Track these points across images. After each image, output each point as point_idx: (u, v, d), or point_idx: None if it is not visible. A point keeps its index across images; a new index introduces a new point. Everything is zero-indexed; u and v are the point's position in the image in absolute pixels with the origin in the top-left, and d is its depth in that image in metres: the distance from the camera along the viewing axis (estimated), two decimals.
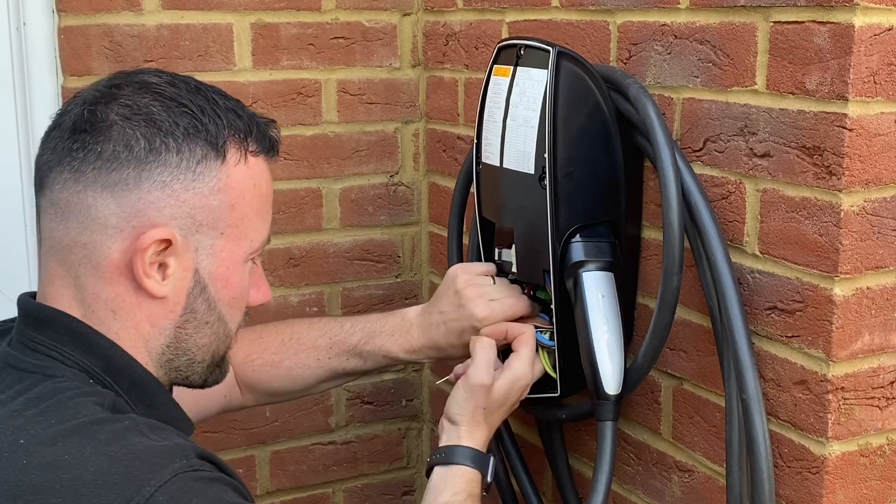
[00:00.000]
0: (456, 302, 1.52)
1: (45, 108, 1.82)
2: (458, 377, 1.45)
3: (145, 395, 1.17)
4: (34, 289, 1.88)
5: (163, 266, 1.15)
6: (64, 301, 1.17)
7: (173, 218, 1.14)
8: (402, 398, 2.13)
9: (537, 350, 1.50)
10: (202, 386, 1.27)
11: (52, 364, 1.13)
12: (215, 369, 1.26)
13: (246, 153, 1.19)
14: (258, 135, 1.22)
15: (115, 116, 1.13)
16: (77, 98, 1.18)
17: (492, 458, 1.40)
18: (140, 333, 1.17)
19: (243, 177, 1.19)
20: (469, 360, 1.45)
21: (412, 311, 1.59)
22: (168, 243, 1.14)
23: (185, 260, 1.16)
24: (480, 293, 1.51)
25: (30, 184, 1.83)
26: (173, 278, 1.16)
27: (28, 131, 1.82)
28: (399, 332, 1.57)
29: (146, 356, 1.19)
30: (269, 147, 1.23)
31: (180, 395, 1.28)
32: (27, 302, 1.20)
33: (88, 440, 1.03)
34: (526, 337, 1.46)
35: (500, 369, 1.44)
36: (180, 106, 1.15)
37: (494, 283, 1.54)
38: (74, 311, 1.16)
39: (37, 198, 1.18)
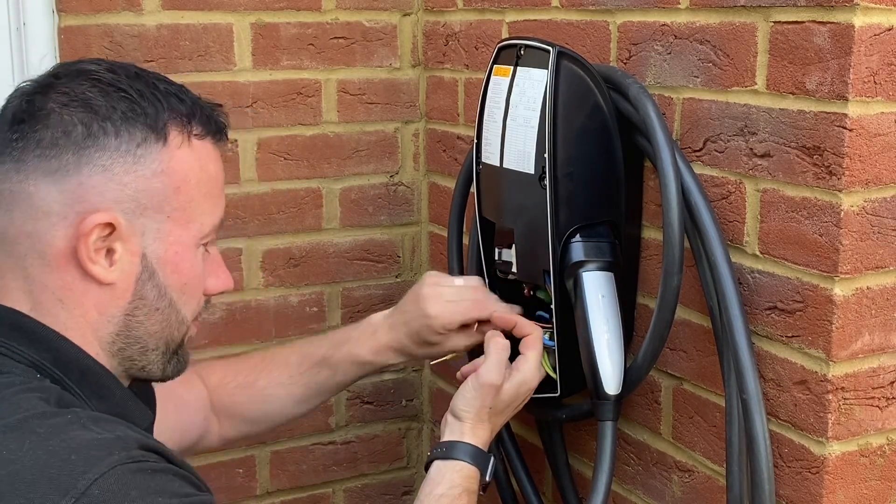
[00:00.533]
0: (414, 300, 1.54)
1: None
2: (464, 375, 1.45)
3: (97, 387, 1.15)
4: None
5: (110, 252, 1.14)
6: (13, 294, 1.15)
7: (116, 202, 1.12)
8: (402, 398, 2.13)
9: None
10: (163, 377, 1.24)
11: (1, 361, 1.12)
12: (172, 357, 1.23)
13: (189, 136, 1.17)
14: (202, 118, 1.19)
15: (52, 104, 1.12)
16: (17, 90, 1.17)
17: (492, 458, 1.40)
18: (88, 322, 1.15)
19: (187, 159, 1.17)
20: (476, 360, 1.45)
21: (380, 315, 1.61)
22: (111, 227, 1.12)
23: (132, 245, 1.15)
24: (438, 293, 1.53)
25: None
26: (120, 263, 1.14)
27: None
28: (366, 335, 1.59)
29: (97, 346, 1.17)
30: (215, 130, 1.21)
31: (159, 419, 1.27)
32: None
33: (28, 435, 1.02)
34: (534, 338, 1.46)
35: (507, 370, 1.44)
36: (118, 91, 1.14)
37: (462, 285, 1.56)
38: (23, 304, 1.14)
39: None
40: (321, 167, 1.98)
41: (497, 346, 1.41)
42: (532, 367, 1.43)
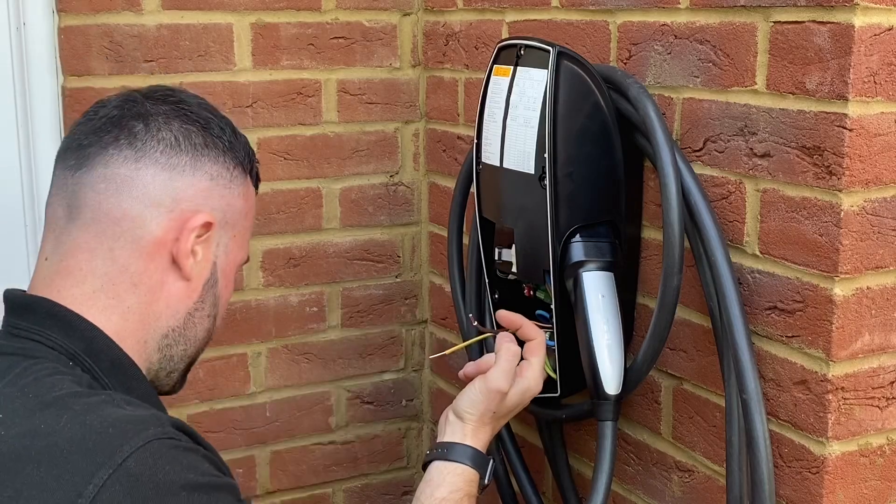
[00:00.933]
0: None
1: (45, 108, 1.82)
2: (466, 376, 1.45)
3: (124, 378, 1.19)
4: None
5: (193, 252, 1.24)
6: (80, 274, 1.19)
7: (213, 210, 1.24)
8: (402, 398, 2.13)
9: None
10: (171, 391, 1.30)
11: (33, 346, 1.16)
12: (183, 375, 1.31)
13: (251, 179, 1.33)
14: (257, 172, 1.35)
15: (172, 110, 1.24)
16: (117, 97, 1.26)
17: (491, 461, 1.39)
18: (153, 310, 1.23)
19: (251, 195, 1.32)
20: (481, 361, 1.44)
21: None
22: (208, 229, 1.24)
23: (209, 252, 1.26)
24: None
25: (30, 183, 1.83)
26: (199, 265, 1.25)
27: (28, 131, 1.82)
28: None
29: (149, 335, 1.23)
30: (258, 180, 1.36)
31: None
32: (11, 293, 1.23)
33: (65, 411, 1.06)
34: (538, 343, 1.45)
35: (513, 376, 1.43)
36: (222, 119, 1.29)
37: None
38: (89, 283, 1.19)
39: (70, 176, 1.22)
40: (321, 167, 1.98)
41: (508, 352, 1.41)
42: (537, 373, 1.43)
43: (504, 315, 1.48)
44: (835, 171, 1.23)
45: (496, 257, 1.57)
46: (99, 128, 1.23)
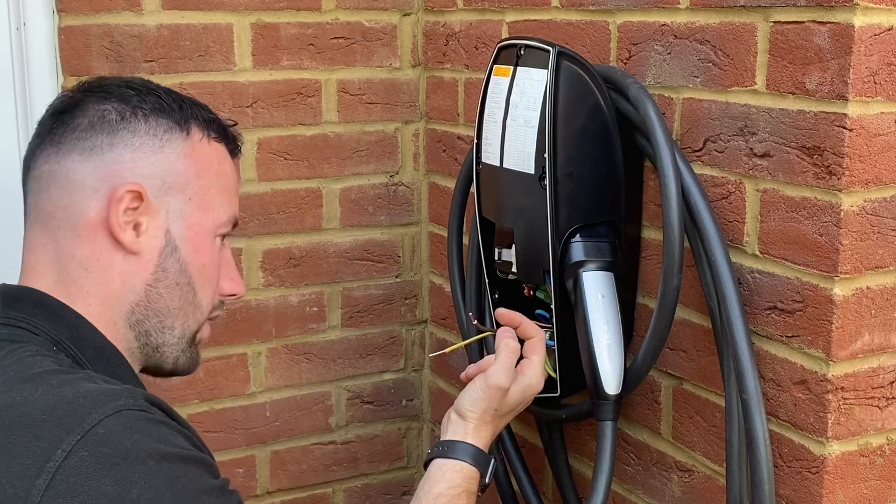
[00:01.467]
0: None
1: (46, 108, 1.82)
2: (468, 377, 1.45)
3: (108, 365, 1.21)
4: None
5: (137, 226, 1.23)
6: (40, 270, 1.25)
7: (144, 177, 1.23)
8: (402, 398, 2.13)
9: None
10: (174, 367, 1.30)
11: (20, 333, 1.20)
12: (187, 347, 1.30)
13: (209, 137, 1.30)
14: (219, 128, 1.32)
15: (90, 98, 1.26)
16: (61, 93, 1.31)
17: (492, 460, 1.39)
18: (111, 291, 1.24)
19: (208, 153, 1.29)
20: (483, 361, 1.44)
21: None
22: (140, 200, 1.22)
23: (157, 220, 1.24)
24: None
25: None
26: (146, 236, 1.24)
27: (28, 131, 1.82)
28: None
29: (116, 316, 1.24)
30: (230, 140, 1.34)
31: None
32: (3, 286, 1.27)
33: (41, 385, 1.09)
34: (538, 341, 1.45)
35: (514, 373, 1.43)
36: (149, 90, 1.27)
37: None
38: (49, 276, 1.24)
39: (23, 185, 1.29)
40: (321, 167, 1.98)
41: (508, 349, 1.41)
42: (538, 371, 1.43)
43: (503, 313, 1.48)
44: (835, 171, 1.23)
45: (496, 257, 1.57)
46: (36, 134, 1.28)
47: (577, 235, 1.45)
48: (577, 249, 1.45)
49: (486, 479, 1.38)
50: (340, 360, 2.06)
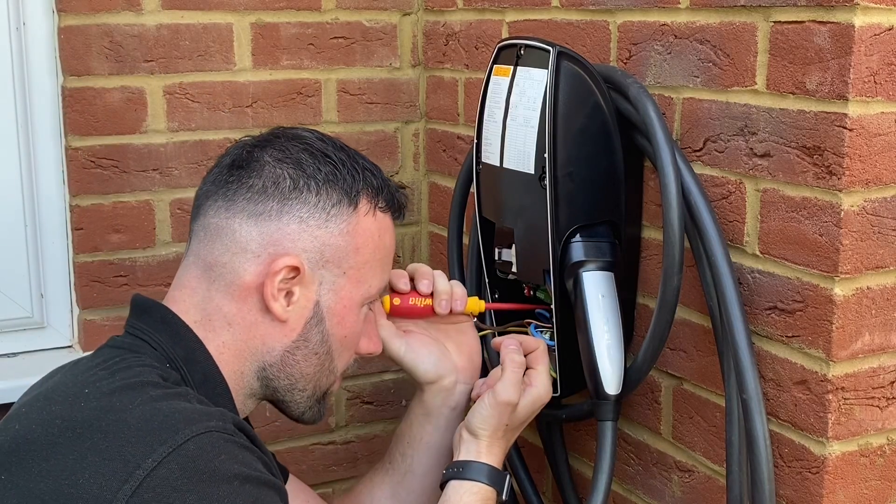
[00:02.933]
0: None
1: (45, 108, 1.82)
2: (476, 395, 1.44)
3: (212, 394, 1.25)
4: (32, 289, 1.89)
5: (289, 294, 1.27)
6: (183, 305, 1.29)
7: (304, 251, 1.27)
8: (402, 398, 2.13)
9: None
10: (299, 418, 1.36)
11: (140, 344, 1.25)
12: (315, 404, 1.36)
13: (375, 208, 1.32)
14: (388, 195, 1.35)
15: (268, 157, 1.28)
16: (239, 142, 1.34)
17: (507, 476, 1.39)
18: (248, 347, 1.29)
19: (370, 227, 1.32)
20: (489, 375, 1.44)
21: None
22: (297, 271, 1.26)
23: (309, 291, 1.28)
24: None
25: (30, 183, 1.84)
26: (296, 306, 1.28)
27: (28, 131, 1.82)
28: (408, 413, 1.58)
29: (245, 368, 1.29)
30: (396, 208, 1.37)
31: None
32: (136, 297, 1.32)
33: (141, 394, 1.14)
34: (541, 352, 1.45)
35: (522, 385, 1.43)
36: (325, 157, 1.29)
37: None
38: (192, 314, 1.28)
39: (192, 224, 1.32)
40: None
41: (513, 363, 1.41)
42: (545, 381, 1.43)
43: (498, 342, 1.48)
44: (835, 171, 1.23)
45: (496, 257, 1.57)
46: (213, 179, 1.31)
47: (577, 235, 1.45)
48: (577, 249, 1.45)
49: (503, 497, 1.38)
50: None
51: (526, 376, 1.42)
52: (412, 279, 1.49)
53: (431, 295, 1.48)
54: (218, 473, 1.09)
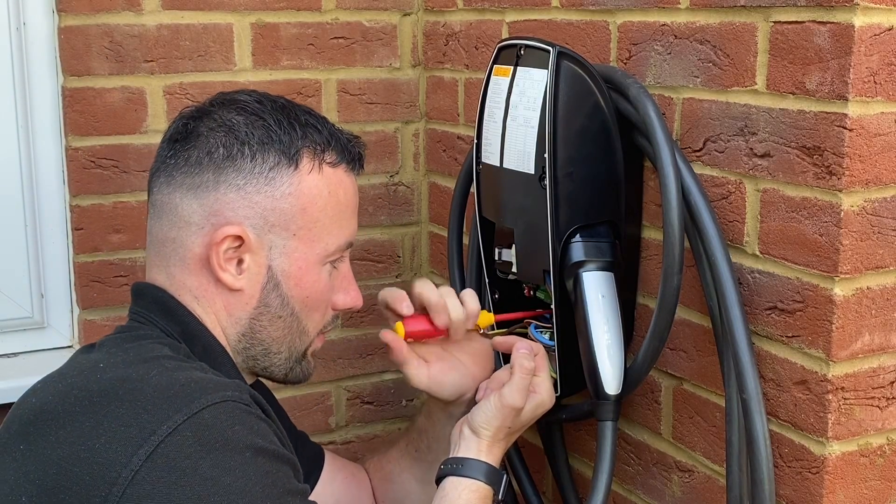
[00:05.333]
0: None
1: (45, 108, 1.82)
2: (483, 393, 1.44)
3: (215, 363, 1.26)
4: (32, 289, 1.89)
5: (240, 262, 1.28)
6: (161, 283, 1.31)
7: (246, 217, 1.26)
8: (402, 398, 2.13)
9: None
10: (285, 380, 1.37)
11: (141, 327, 1.28)
12: (295, 365, 1.36)
13: (321, 163, 1.31)
14: (337, 147, 1.33)
15: (202, 128, 1.28)
16: (179, 113, 1.34)
17: (504, 476, 1.40)
18: (219, 320, 1.30)
19: (316, 184, 1.30)
20: (496, 376, 1.44)
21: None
22: (241, 240, 1.26)
23: (260, 257, 1.28)
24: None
25: (30, 183, 1.84)
26: (248, 273, 1.28)
27: (28, 131, 1.82)
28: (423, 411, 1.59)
29: (224, 340, 1.31)
30: (349, 159, 1.35)
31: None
32: (135, 284, 1.35)
33: (156, 366, 1.17)
34: (541, 359, 1.45)
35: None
36: (259, 118, 1.28)
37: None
38: (167, 289, 1.30)
39: (147, 202, 1.33)
40: None
41: (523, 369, 1.41)
42: (548, 387, 1.43)
43: (499, 343, 1.49)
44: (835, 171, 1.23)
45: (496, 257, 1.57)
46: (157, 155, 1.32)
47: (577, 235, 1.45)
48: (577, 249, 1.45)
49: (500, 496, 1.39)
50: (340, 360, 2.06)
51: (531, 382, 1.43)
52: (423, 308, 1.46)
53: None
54: (231, 443, 1.10)
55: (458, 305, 1.45)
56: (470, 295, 1.47)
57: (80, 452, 1.09)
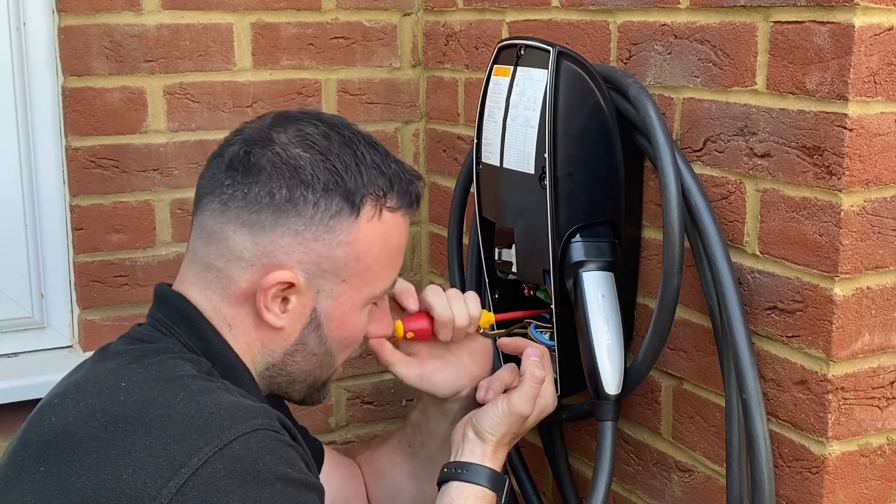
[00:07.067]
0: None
1: (45, 108, 1.82)
2: (484, 399, 1.43)
3: (236, 382, 1.24)
4: (32, 289, 1.89)
5: (285, 300, 1.25)
6: (192, 297, 1.27)
7: (300, 262, 1.23)
8: (402, 398, 2.13)
9: None
10: (301, 402, 1.37)
11: (160, 336, 1.25)
12: (314, 392, 1.35)
13: (382, 209, 1.26)
14: (399, 190, 1.28)
15: (265, 162, 1.22)
16: (240, 133, 1.27)
17: (507, 480, 1.40)
18: (249, 349, 1.27)
19: (374, 232, 1.26)
20: (494, 378, 1.45)
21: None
22: (291, 285, 1.23)
23: (306, 299, 1.26)
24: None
25: (30, 183, 1.84)
26: (292, 313, 1.26)
27: (28, 131, 1.82)
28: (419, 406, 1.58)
29: (252, 367, 1.28)
30: (408, 203, 1.30)
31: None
32: (159, 287, 1.31)
33: (182, 388, 1.14)
34: (546, 363, 1.45)
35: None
36: (326, 160, 1.23)
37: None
38: (200, 304, 1.26)
39: (193, 214, 1.29)
40: None
41: (533, 378, 1.41)
42: (552, 392, 1.44)
43: (506, 343, 1.49)
44: (835, 171, 1.23)
45: (496, 257, 1.57)
46: (211, 174, 1.26)
47: (577, 235, 1.45)
48: (577, 249, 1.45)
49: (502, 501, 1.39)
50: None
51: None
52: (427, 312, 1.45)
53: None
54: (262, 475, 1.09)
55: (464, 313, 1.44)
56: (472, 299, 1.47)
57: (106, 482, 1.07)
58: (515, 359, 1.47)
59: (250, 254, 1.23)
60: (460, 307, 1.44)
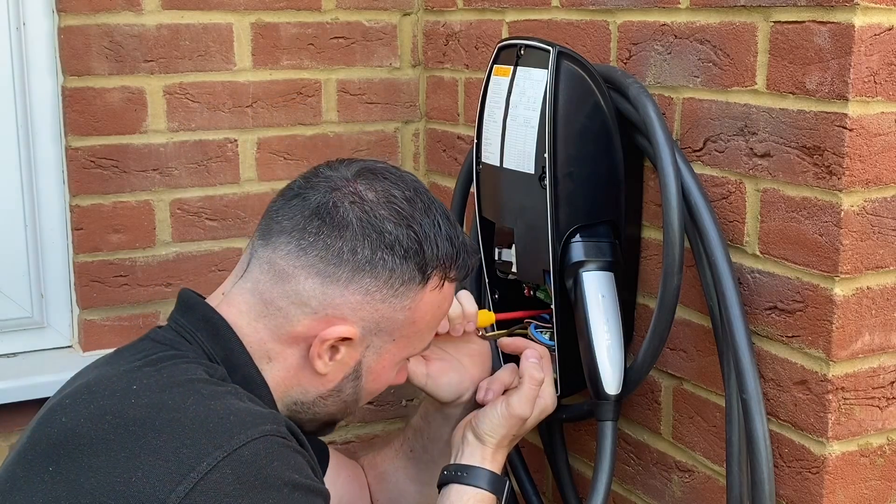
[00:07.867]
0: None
1: (45, 108, 1.82)
2: (484, 400, 1.44)
3: (253, 394, 1.24)
4: (32, 289, 1.89)
5: (335, 349, 1.27)
6: (232, 317, 1.26)
7: (362, 319, 1.25)
8: (402, 398, 2.13)
9: None
10: (311, 433, 1.35)
11: (181, 342, 1.25)
12: (327, 427, 1.37)
13: (444, 280, 1.29)
14: (461, 263, 1.31)
15: (353, 218, 1.24)
16: (322, 177, 1.27)
17: (506, 483, 1.40)
18: (283, 385, 1.28)
19: (433, 300, 1.29)
20: (493, 378, 1.45)
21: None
22: (348, 339, 1.26)
23: (355, 352, 1.28)
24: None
25: (30, 183, 1.83)
26: (339, 362, 1.28)
27: (28, 131, 1.82)
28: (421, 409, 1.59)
29: (277, 393, 1.28)
30: (465, 275, 1.33)
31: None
32: (184, 292, 1.31)
33: (192, 392, 1.15)
34: (546, 363, 1.46)
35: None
36: (409, 227, 1.25)
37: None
38: (237, 323, 1.26)
39: (258, 241, 1.28)
40: None
41: (532, 380, 1.41)
42: (552, 392, 1.44)
43: (507, 345, 1.49)
44: (835, 171, 1.23)
45: (496, 257, 1.57)
46: (291, 214, 1.26)
47: (577, 235, 1.45)
48: (577, 249, 1.45)
49: (502, 503, 1.39)
50: None
51: None
52: None
53: None
54: (269, 480, 1.10)
55: (457, 305, 1.45)
56: (465, 297, 1.47)
57: (115, 485, 1.07)
58: (516, 359, 1.47)
59: (317, 302, 1.24)
60: (455, 304, 1.45)
